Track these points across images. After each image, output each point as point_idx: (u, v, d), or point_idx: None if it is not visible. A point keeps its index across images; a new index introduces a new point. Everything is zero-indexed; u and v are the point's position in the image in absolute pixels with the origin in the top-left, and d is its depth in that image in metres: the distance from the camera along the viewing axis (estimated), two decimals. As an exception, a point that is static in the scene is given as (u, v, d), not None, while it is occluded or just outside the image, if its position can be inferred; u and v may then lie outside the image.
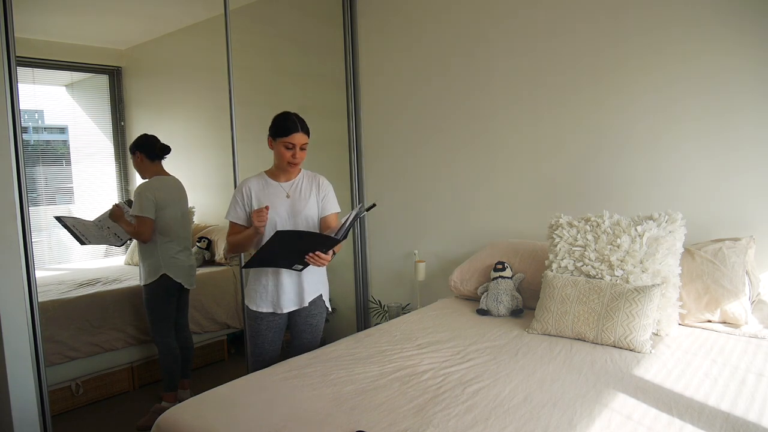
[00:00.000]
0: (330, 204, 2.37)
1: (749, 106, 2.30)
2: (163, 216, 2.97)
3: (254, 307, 2.32)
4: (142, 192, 2.92)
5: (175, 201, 3.06)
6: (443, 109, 3.31)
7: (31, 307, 2.41)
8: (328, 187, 2.39)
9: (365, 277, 3.85)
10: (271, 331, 2.35)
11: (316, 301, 2.37)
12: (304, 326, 2.37)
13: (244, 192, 2.30)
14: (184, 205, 3.15)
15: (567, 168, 2.84)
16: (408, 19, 3.42)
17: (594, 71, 2.70)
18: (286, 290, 2.29)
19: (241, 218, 2.30)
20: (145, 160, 3.03)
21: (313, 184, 2.35)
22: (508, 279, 2.55)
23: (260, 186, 2.31)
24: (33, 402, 2.43)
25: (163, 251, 2.99)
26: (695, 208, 2.43)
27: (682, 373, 1.75)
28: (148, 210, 2.90)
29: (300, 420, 1.54)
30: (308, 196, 2.32)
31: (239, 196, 2.30)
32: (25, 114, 4.18)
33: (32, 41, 3.94)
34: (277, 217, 2.26)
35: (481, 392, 1.66)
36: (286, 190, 2.31)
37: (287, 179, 2.33)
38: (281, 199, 2.29)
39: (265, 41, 4.11)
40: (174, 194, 3.06)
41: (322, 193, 2.35)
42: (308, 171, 2.40)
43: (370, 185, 3.75)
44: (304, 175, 2.37)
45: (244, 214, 2.30)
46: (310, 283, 2.33)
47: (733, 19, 2.31)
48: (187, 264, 3.10)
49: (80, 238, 3.12)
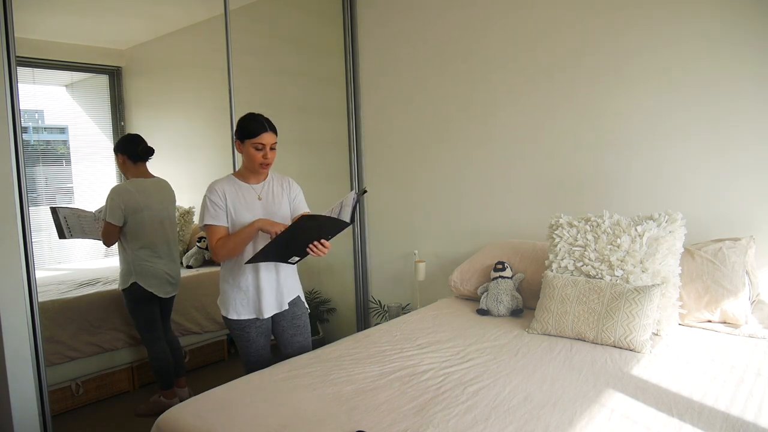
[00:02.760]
0: (301, 205, 2.36)
1: (750, 106, 2.30)
2: (135, 221, 2.87)
3: (236, 315, 2.25)
4: (111, 197, 2.85)
5: (152, 205, 2.93)
6: (443, 109, 3.31)
7: (31, 307, 2.41)
8: (298, 189, 2.38)
9: (365, 277, 3.85)
10: (261, 335, 2.31)
11: (296, 302, 2.35)
12: (293, 329, 2.34)
13: (219, 193, 2.21)
14: (168, 208, 3.03)
15: (567, 168, 2.84)
16: (408, 19, 3.42)
17: (595, 71, 2.70)
18: (266, 294, 2.24)
19: (223, 220, 2.21)
20: (127, 161, 2.94)
21: (283, 185, 2.33)
22: (508, 279, 2.55)
23: (232, 189, 2.24)
24: (33, 402, 2.43)
25: (134, 258, 2.89)
26: (695, 208, 2.43)
27: (682, 372, 1.75)
28: (113, 216, 2.82)
29: (300, 420, 1.54)
30: (280, 197, 2.30)
31: (216, 198, 2.20)
32: (25, 114, 4.18)
33: (32, 41, 3.94)
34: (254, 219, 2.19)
35: (481, 392, 1.66)
36: (257, 192, 2.27)
37: (257, 181, 2.29)
38: (254, 201, 2.25)
39: (265, 41, 4.11)
40: (152, 198, 2.93)
41: (293, 194, 2.34)
42: (276, 173, 2.37)
43: (370, 185, 3.75)
44: (273, 177, 2.34)
45: (224, 215, 2.21)
46: (287, 286, 2.30)
47: (734, 20, 2.31)
48: (163, 271, 2.96)
49: (63, 231, 3.08)
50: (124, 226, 2.88)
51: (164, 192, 3.04)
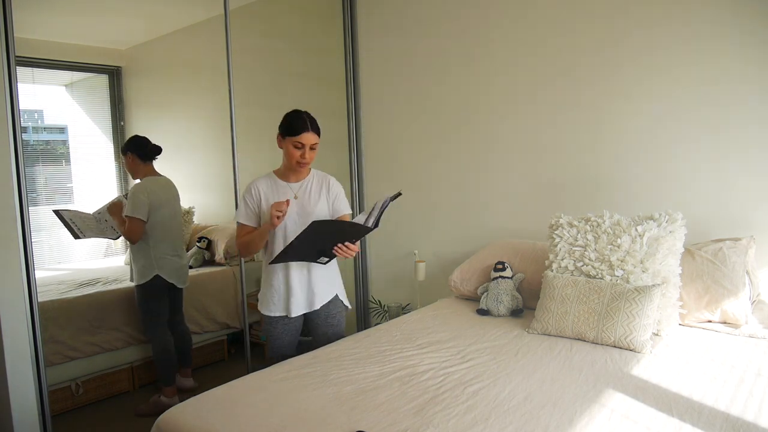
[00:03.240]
0: (342, 205, 2.31)
1: (750, 106, 2.30)
2: (157, 217, 2.98)
3: (266, 311, 2.30)
4: (136, 193, 2.93)
5: (169, 201, 3.07)
6: (443, 109, 3.31)
7: (31, 307, 2.41)
8: (339, 189, 2.33)
9: (365, 277, 3.85)
10: (288, 334, 2.33)
11: (333, 301, 2.36)
12: (326, 327, 2.35)
13: (253, 193, 2.25)
14: (177, 205, 3.16)
15: (567, 168, 2.84)
16: (408, 20, 3.42)
17: (595, 71, 2.70)
18: (296, 293, 2.26)
19: (251, 220, 2.26)
20: (136, 160, 3.05)
21: (323, 185, 2.30)
22: (508, 279, 2.55)
23: (269, 186, 2.26)
24: (33, 402, 2.43)
25: (156, 252, 3.00)
26: (695, 208, 2.43)
27: (682, 373, 1.75)
28: (140, 211, 2.91)
29: (300, 420, 1.54)
30: (318, 197, 2.27)
31: (249, 198, 2.26)
32: (25, 114, 4.18)
33: (32, 41, 3.93)
34: (287, 218, 2.20)
35: (481, 392, 1.66)
36: (294, 191, 2.26)
37: (296, 179, 2.28)
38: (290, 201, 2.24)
39: (265, 41, 4.11)
40: (167, 194, 3.08)
41: (332, 194, 2.30)
42: (318, 171, 2.35)
43: (370, 185, 3.75)
44: (314, 176, 2.32)
45: (255, 215, 2.26)
46: (320, 287, 2.29)
47: (735, 20, 2.31)
48: (180, 264, 3.12)
49: (76, 232, 3.12)
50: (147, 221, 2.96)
51: (173, 189, 3.16)
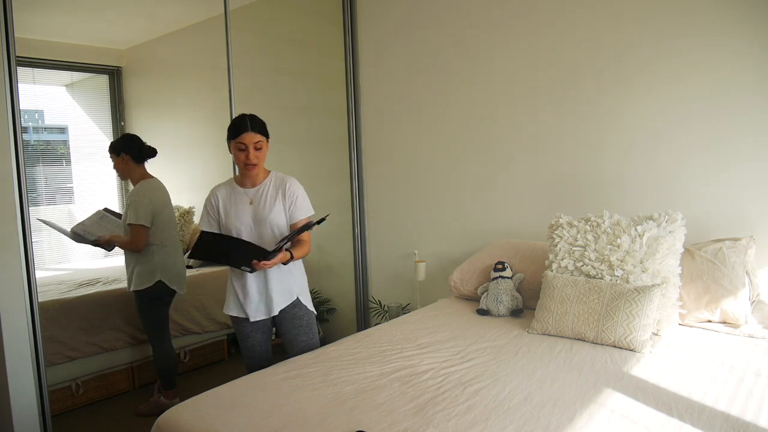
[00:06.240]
0: (299, 210, 2.23)
1: (750, 106, 2.30)
2: (158, 220, 2.89)
3: (227, 311, 2.30)
4: (139, 198, 2.80)
5: (167, 204, 2.97)
6: (443, 109, 3.31)
7: (31, 307, 2.41)
8: (296, 192, 2.23)
9: (365, 277, 3.85)
10: (257, 332, 2.30)
11: (296, 304, 2.29)
12: (296, 330, 2.30)
13: (212, 201, 2.24)
14: (172, 208, 3.07)
15: (567, 168, 2.84)
16: (408, 19, 3.42)
17: (594, 71, 2.70)
18: (252, 298, 2.22)
19: (213, 227, 2.23)
20: (130, 162, 2.89)
21: (279, 190, 2.21)
22: (508, 279, 2.55)
23: (227, 193, 2.23)
24: (33, 402, 2.43)
25: (158, 256, 2.89)
26: (695, 208, 2.43)
27: (682, 372, 1.75)
28: (145, 217, 2.79)
29: (300, 420, 1.54)
30: (273, 202, 2.19)
31: (209, 206, 2.24)
32: (25, 114, 4.17)
33: (32, 41, 3.93)
34: (241, 225, 2.17)
35: (481, 392, 1.66)
36: (250, 196, 2.21)
37: (252, 184, 2.22)
38: (245, 206, 2.20)
39: (265, 41, 4.11)
40: (165, 197, 2.98)
41: (288, 199, 2.21)
42: (279, 174, 2.27)
43: (370, 185, 3.75)
44: (272, 179, 2.24)
45: (216, 222, 2.23)
46: (277, 292, 2.23)
47: (734, 19, 2.31)
48: (181, 270, 3.02)
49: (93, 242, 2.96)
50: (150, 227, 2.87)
51: (167, 192, 3.06)
